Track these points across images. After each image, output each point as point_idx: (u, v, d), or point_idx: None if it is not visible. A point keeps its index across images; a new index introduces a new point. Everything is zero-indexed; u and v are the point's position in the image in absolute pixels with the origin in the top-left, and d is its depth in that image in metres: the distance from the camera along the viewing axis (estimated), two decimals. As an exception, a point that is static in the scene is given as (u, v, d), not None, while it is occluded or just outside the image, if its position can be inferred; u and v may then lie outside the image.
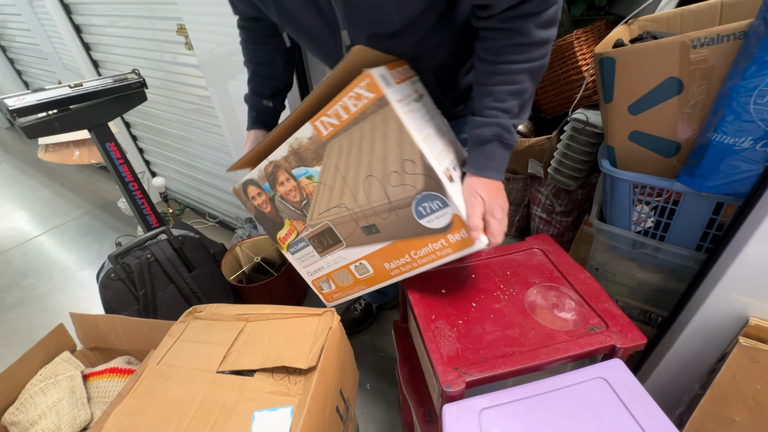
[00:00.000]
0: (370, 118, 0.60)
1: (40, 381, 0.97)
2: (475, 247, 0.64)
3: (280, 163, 0.73)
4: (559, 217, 1.49)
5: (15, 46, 2.69)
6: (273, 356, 0.75)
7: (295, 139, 0.68)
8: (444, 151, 0.67)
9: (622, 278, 1.03)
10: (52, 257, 1.99)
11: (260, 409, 0.67)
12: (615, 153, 0.90)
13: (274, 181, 0.76)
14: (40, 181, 2.72)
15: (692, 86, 0.75)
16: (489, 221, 0.64)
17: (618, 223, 0.94)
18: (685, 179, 0.77)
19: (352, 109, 0.60)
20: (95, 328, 1.06)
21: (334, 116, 0.62)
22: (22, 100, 1.12)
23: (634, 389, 0.58)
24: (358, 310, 1.41)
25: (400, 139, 0.60)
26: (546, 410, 0.57)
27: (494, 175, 0.64)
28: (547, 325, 0.68)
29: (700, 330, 0.77)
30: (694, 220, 0.81)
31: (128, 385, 0.75)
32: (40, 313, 1.66)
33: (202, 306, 0.91)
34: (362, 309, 1.41)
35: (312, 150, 0.68)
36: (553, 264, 0.81)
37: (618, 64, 0.81)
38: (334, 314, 0.82)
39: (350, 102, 0.60)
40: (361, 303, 1.42)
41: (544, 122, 1.49)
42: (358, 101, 0.59)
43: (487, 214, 0.63)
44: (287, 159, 0.71)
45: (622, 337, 0.63)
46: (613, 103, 0.86)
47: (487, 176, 0.64)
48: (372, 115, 0.60)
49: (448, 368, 0.61)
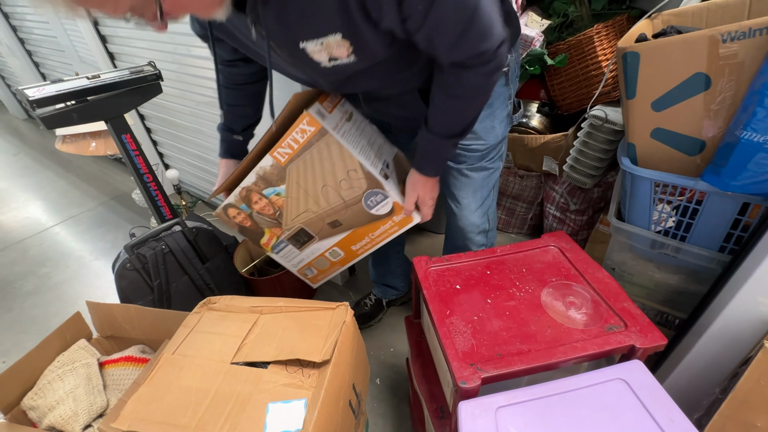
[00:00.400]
0: (316, 144, 0.78)
1: (58, 367, 0.99)
2: (413, 223, 0.89)
3: (252, 188, 0.89)
4: (574, 216, 1.47)
5: (33, 38, 2.73)
6: (287, 349, 0.75)
7: (260, 168, 0.84)
8: (377, 156, 0.87)
9: (639, 279, 1.01)
10: (68, 247, 2.03)
11: (274, 401, 0.68)
12: (636, 150, 0.88)
13: (249, 201, 0.92)
14: (56, 172, 2.77)
15: (720, 82, 0.73)
16: (421, 206, 0.86)
17: (637, 222, 0.92)
18: (711, 178, 0.75)
19: (300, 140, 0.78)
20: (111, 317, 1.07)
21: (287, 147, 0.79)
22: (41, 91, 1.13)
23: (655, 391, 0.57)
24: (368, 306, 1.41)
25: (342, 156, 0.79)
26: (564, 410, 0.56)
27: (431, 173, 0.82)
28: (564, 323, 0.67)
29: (723, 333, 0.75)
30: (718, 220, 0.79)
31: (144, 373, 0.76)
32: (57, 302, 1.69)
33: (216, 297, 0.91)
34: (372, 304, 1.41)
35: (275, 174, 0.84)
36: (569, 262, 0.79)
37: (642, 59, 0.79)
38: (347, 308, 0.82)
39: (298, 135, 0.77)
40: (371, 298, 1.42)
41: (561, 119, 1.47)
42: (304, 134, 0.77)
43: (420, 201, 0.84)
44: (257, 183, 0.87)
45: (642, 338, 0.62)
46: (636, 100, 0.84)
47: (425, 174, 0.82)
48: (317, 142, 0.77)
49: (464, 364, 0.61)
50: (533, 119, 1.46)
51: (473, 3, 0.55)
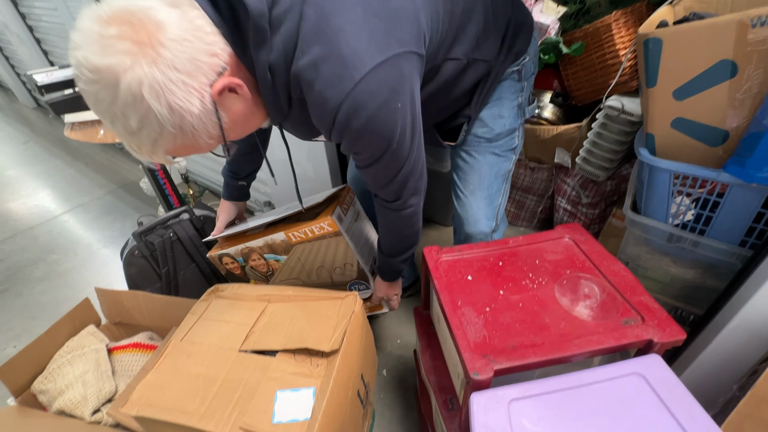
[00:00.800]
0: (327, 239, 0.92)
1: (67, 352, 0.99)
2: (383, 311, 1.10)
3: (255, 249, 1.00)
4: (585, 209, 1.44)
5: (41, 26, 2.73)
6: (295, 338, 0.74)
7: (271, 238, 0.95)
8: (369, 253, 1.04)
9: (653, 273, 0.99)
10: (77, 234, 2.04)
11: (283, 389, 0.67)
12: (655, 141, 0.86)
13: (248, 258, 1.04)
14: (64, 160, 2.78)
15: (747, 70, 0.70)
16: (387, 300, 1.04)
17: (654, 215, 0.89)
18: (734, 169, 0.73)
19: (316, 233, 0.91)
20: (119, 304, 1.08)
21: (303, 233, 0.92)
22: (50, 76, 1.13)
23: (674, 387, 0.55)
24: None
25: (345, 253, 0.95)
26: (579, 404, 0.55)
27: (389, 279, 0.97)
28: (579, 316, 0.65)
29: (742, 329, 0.73)
30: (740, 213, 0.77)
31: (152, 360, 0.76)
32: (66, 288, 1.71)
33: (224, 285, 0.91)
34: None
35: (282, 246, 0.97)
36: (584, 254, 0.77)
37: (665, 46, 0.76)
38: (356, 298, 0.81)
39: (316, 229, 0.90)
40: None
41: (574, 110, 1.43)
42: (321, 230, 0.90)
43: (385, 297, 1.02)
44: (261, 248, 0.99)
45: (660, 332, 0.60)
46: (657, 88, 0.81)
47: (385, 279, 0.97)
48: (329, 238, 0.92)
49: (476, 355, 0.60)
50: (546, 110, 1.43)
51: (403, 172, 0.69)
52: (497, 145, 0.91)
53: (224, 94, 0.53)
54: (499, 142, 0.91)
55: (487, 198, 0.95)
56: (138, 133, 0.50)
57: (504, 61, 0.81)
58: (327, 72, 0.53)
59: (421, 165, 0.72)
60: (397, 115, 0.60)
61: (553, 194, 1.59)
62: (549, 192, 1.60)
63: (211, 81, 0.51)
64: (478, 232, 0.96)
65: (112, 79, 0.46)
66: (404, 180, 0.71)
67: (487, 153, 0.92)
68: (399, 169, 0.68)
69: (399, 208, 0.76)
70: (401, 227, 0.82)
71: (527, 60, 0.85)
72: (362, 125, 0.58)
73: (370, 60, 0.54)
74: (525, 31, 0.82)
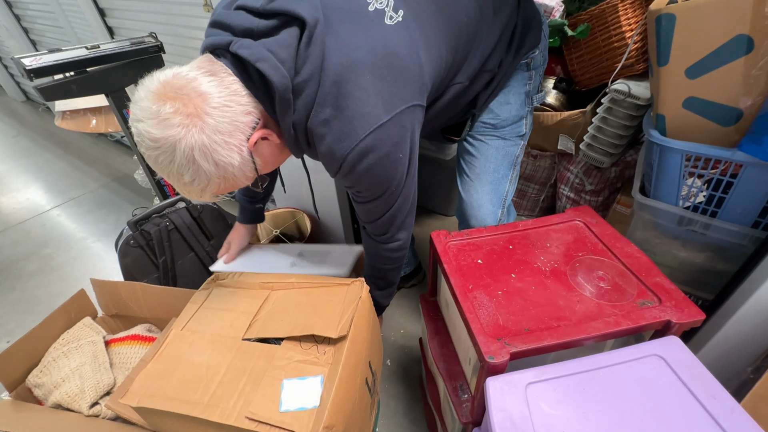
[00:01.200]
0: None
1: (63, 345, 0.96)
2: None
3: None
4: (589, 197, 1.43)
5: (29, 15, 2.65)
6: (301, 325, 0.72)
7: None
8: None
9: (662, 258, 0.97)
10: (70, 228, 2.00)
11: (289, 378, 0.65)
12: (665, 122, 0.84)
13: None
14: (56, 153, 2.72)
15: (764, 44, 0.68)
16: None
17: (665, 198, 0.88)
18: (750, 148, 0.71)
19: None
20: (116, 295, 1.05)
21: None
22: (38, 60, 1.08)
23: (694, 368, 0.53)
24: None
25: None
26: (598, 387, 0.53)
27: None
28: (594, 299, 0.64)
29: (756, 312, 0.71)
30: (754, 194, 0.75)
31: (152, 350, 0.73)
32: (60, 282, 1.67)
33: (225, 273, 0.88)
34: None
35: None
36: (596, 236, 0.76)
37: (678, 22, 0.74)
38: (363, 284, 0.79)
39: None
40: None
41: (578, 95, 1.41)
42: None
43: None
44: None
45: (678, 313, 0.59)
46: (669, 66, 0.79)
47: None
48: None
49: (490, 339, 0.58)
50: (549, 96, 1.41)
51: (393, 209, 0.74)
52: (504, 131, 0.89)
53: (258, 143, 0.63)
54: (505, 129, 0.89)
55: (493, 183, 0.92)
56: (190, 185, 0.61)
57: (512, 63, 0.82)
58: (336, 129, 0.61)
59: (411, 201, 0.78)
60: (398, 164, 0.67)
61: (555, 182, 1.57)
62: (552, 180, 1.58)
63: (247, 136, 0.61)
64: (482, 218, 0.93)
65: (170, 147, 0.56)
66: (393, 216, 0.76)
67: (494, 138, 0.90)
68: (391, 206, 0.74)
69: (386, 241, 0.82)
70: (386, 260, 0.86)
71: (537, 53, 0.85)
72: (364, 171, 0.65)
73: (375, 120, 0.61)
74: (534, 29, 0.82)
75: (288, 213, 1.49)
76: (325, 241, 1.54)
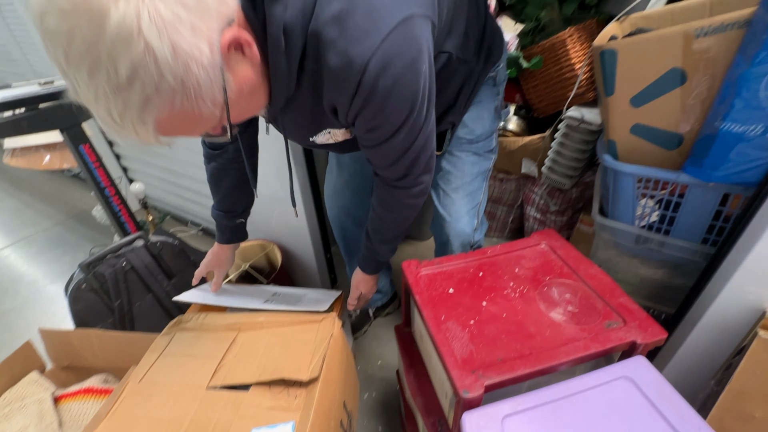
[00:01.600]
0: None
1: (4, 406, 0.87)
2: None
3: None
4: (554, 217, 1.48)
5: (-21, 48, 2.54)
6: (270, 368, 0.68)
7: None
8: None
9: (624, 275, 1.01)
10: (19, 271, 1.86)
11: (258, 427, 0.61)
12: (616, 147, 0.89)
13: None
14: (5, 191, 2.56)
15: (696, 76, 0.75)
16: (360, 300, 1.02)
17: (621, 218, 0.92)
18: (693, 170, 0.76)
19: None
20: (68, 345, 0.97)
21: None
22: (-14, 98, 1.03)
23: (661, 388, 0.55)
24: (353, 316, 1.35)
25: None
26: (572, 414, 0.53)
27: (370, 271, 0.95)
28: (563, 323, 0.65)
29: (713, 324, 0.75)
30: (700, 212, 0.80)
31: (106, 406, 0.67)
32: (5, 332, 1.53)
33: (188, 315, 0.84)
34: (358, 315, 1.35)
35: None
36: (561, 259, 0.78)
37: (620, 56, 0.80)
38: (334, 319, 0.77)
39: None
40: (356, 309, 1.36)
41: (537, 121, 1.49)
42: None
43: (362, 297, 1.01)
44: None
45: (642, 333, 0.61)
46: (615, 96, 0.85)
47: (366, 272, 0.95)
48: None
49: (464, 372, 0.57)
50: (510, 122, 1.48)
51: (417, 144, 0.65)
52: (478, 146, 0.92)
53: (231, 52, 0.45)
54: (479, 144, 0.92)
55: (469, 195, 0.94)
56: (127, 87, 0.38)
57: (484, 67, 0.82)
58: (352, 26, 0.48)
59: (433, 140, 0.69)
60: (421, 78, 0.56)
61: (522, 204, 1.63)
62: (518, 202, 1.63)
63: (221, 28, 0.42)
64: (461, 230, 0.94)
65: (99, 9, 0.35)
66: (417, 154, 0.66)
67: (469, 153, 0.92)
68: (414, 141, 0.63)
69: (408, 185, 0.72)
70: (404, 208, 0.77)
71: (501, 67, 0.88)
72: (390, 86, 0.52)
73: (398, 13, 0.50)
74: (498, 38, 0.84)
75: (257, 246, 1.45)
76: (298, 273, 1.51)
